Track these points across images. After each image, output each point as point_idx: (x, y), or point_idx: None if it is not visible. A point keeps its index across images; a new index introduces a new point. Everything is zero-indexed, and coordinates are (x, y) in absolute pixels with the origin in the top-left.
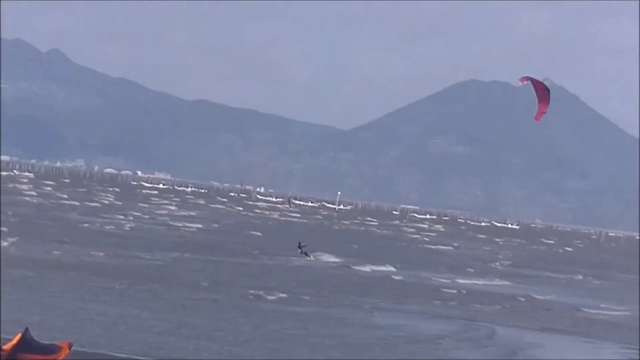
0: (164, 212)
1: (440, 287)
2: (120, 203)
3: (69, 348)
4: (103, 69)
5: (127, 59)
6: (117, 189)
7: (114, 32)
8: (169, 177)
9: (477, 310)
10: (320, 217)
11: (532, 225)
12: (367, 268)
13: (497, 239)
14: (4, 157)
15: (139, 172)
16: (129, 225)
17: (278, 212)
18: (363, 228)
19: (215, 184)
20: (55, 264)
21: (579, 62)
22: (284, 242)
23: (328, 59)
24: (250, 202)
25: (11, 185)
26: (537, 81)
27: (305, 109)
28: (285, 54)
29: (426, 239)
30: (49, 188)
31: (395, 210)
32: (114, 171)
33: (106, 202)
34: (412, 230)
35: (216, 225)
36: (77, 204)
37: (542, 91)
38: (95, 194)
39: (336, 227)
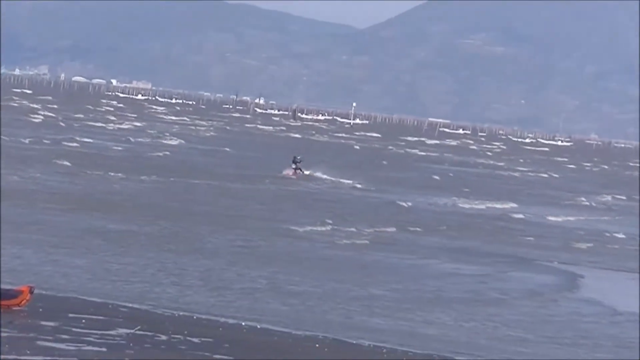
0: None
1: (569, 229)
2: (142, 124)
3: (30, 293)
4: None
5: None
6: (121, 105)
7: None
8: (149, 86)
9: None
10: (376, 134)
11: (587, 141)
12: (467, 205)
13: (585, 163)
14: None
15: (114, 81)
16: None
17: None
18: (419, 151)
19: (206, 94)
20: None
21: None
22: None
23: None
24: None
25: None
26: None
27: (312, 3)
28: None
29: (501, 163)
30: (54, 105)
31: (423, 126)
32: (84, 79)
33: (137, 124)
34: (474, 149)
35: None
36: (102, 125)
37: None
38: (108, 112)
39: (392, 149)
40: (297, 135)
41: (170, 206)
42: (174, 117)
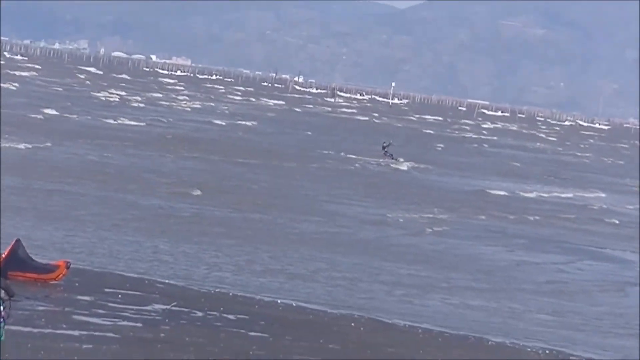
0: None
1: None
2: (213, 104)
3: (67, 267)
4: None
5: None
6: (183, 83)
7: None
8: (189, 62)
9: None
10: (438, 118)
11: (626, 125)
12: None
13: None
14: None
15: (154, 57)
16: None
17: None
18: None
19: (245, 71)
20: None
21: None
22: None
23: None
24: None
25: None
26: None
27: None
28: None
29: (560, 148)
30: (122, 84)
31: (461, 106)
32: (124, 55)
33: (211, 104)
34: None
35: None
36: (174, 105)
37: None
38: (173, 90)
39: (458, 133)
40: (364, 118)
41: (260, 190)
42: (237, 97)
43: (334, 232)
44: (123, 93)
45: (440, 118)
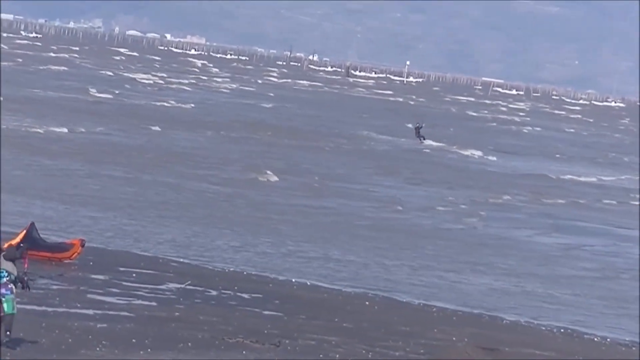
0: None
1: None
2: (252, 88)
3: (82, 246)
4: None
5: None
6: (212, 64)
7: None
8: (203, 41)
9: None
10: (470, 98)
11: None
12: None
13: None
14: (6, 16)
15: (168, 35)
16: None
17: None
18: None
19: (260, 50)
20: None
21: None
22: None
23: None
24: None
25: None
26: None
27: None
28: None
29: (592, 129)
30: (155, 65)
31: (476, 85)
32: (138, 33)
33: (249, 88)
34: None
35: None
36: (212, 86)
37: None
38: (210, 73)
39: (488, 113)
40: (399, 99)
41: (315, 174)
42: (272, 78)
43: (382, 217)
44: (164, 74)
45: (472, 99)
